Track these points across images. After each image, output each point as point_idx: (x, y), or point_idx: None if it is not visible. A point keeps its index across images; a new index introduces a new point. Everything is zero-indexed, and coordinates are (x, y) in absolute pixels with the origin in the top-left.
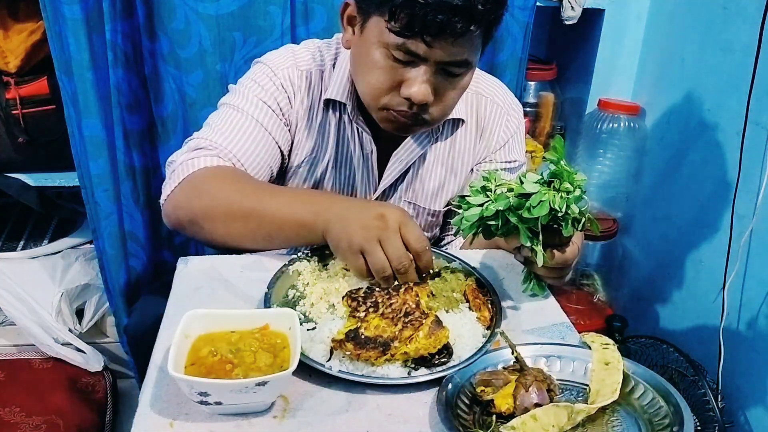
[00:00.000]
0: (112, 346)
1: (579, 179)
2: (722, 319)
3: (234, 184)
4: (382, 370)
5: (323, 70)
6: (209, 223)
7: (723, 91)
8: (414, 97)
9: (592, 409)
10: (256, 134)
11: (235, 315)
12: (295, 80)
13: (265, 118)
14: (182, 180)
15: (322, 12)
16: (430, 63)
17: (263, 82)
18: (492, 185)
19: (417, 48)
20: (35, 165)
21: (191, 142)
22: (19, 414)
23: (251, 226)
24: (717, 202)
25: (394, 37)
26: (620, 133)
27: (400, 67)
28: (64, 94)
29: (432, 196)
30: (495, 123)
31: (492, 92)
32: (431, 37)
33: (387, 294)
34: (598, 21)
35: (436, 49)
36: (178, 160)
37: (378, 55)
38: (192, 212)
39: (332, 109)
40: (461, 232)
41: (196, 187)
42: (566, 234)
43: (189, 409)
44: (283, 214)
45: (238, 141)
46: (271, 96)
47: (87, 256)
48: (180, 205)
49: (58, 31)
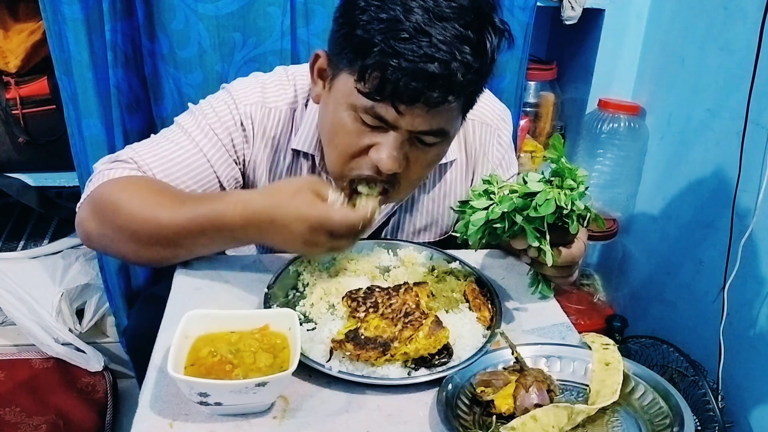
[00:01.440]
0: (112, 346)
1: (581, 175)
2: (722, 319)
3: (142, 193)
4: (382, 370)
5: (295, 109)
6: (117, 235)
7: (723, 91)
8: (381, 165)
9: (592, 409)
10: (193, 161)
11: (234, 315)
12: (258, 119)
13: (210, 150)
14: (91, 192)
15: (322, 12)
16: (401, 131)
17: (222, 113)
18: (494, 188)
19: (386, 114)
20: (35, 165)
21: (115, 154)
22: (19, 414)
23: (161, 235)
24: (717, 202)
25: (363, 99)
26: (620, 133)
27: (368, 131)
28: (64, 94)
29: (422, 232)
30: (488, 144)
31: (479, 111)
32: (403, 105)
33: (387, 294)
34: (598, 21)
35: (407, 117)
36: (97, 168)
37: (345, 117)
38: (98, 224)
39: (303, 157)
40: (468, 238)
41: (102, 197)
42: (573, 231)
43: (189, 409)
44: (195, 218)
45: (168, 161)
46: (225, 129)
47: (87, 256)
48: (86, 216)
49: (58, 30)
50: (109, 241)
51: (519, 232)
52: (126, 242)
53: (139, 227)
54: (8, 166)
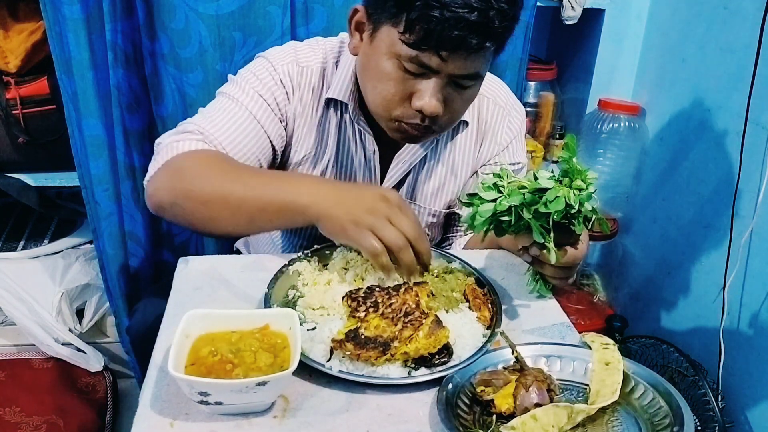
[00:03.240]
0: (112, 346)
1: (590, 177)
2: (722, 319)
3: (215, 166)
4: (382, 370)
5: (325, 68)
6: (190, 205)
7: (723, 91)
8: (425, 109)
9: (592, 409)
10: (247, 125)
11: (235, 315)
12: (295, 76)
13: (258, 111)
14: (164, 162)
15: (322, 12)
16: (441, 75)
17: (262, 76)
18: (504, 181)
19: (430, 61)
20: (35, 165)
21: (179, 126)
22: (19, 414)
23: (232, 208)
24: (717, 202)
25: (407, 49)
26: (620, 133)
27: (411, 79)
28: (64, 94)
29: (432, 196)
30: (498, 124)
31: (494, 93)
32: (446, 52)
33: (387, 294)
34: (598, 21)
35: (449, 63)
36: (164, 142)
37: (389, 66)
38: (173, 194)
39: (333, 108)
40: (473, 228)
41: (178, 169)
42: (578, 231)
43: (189, 409)
44: (266, 196)
45: (227, 129)
46: (268, 90)
47: (87, 256)
48: (161, 186)
49: (58, 31)
50: (181, 210)
51: (524, 228)
52: (199, 213)
53: (217, 201)
54: (8, 166)
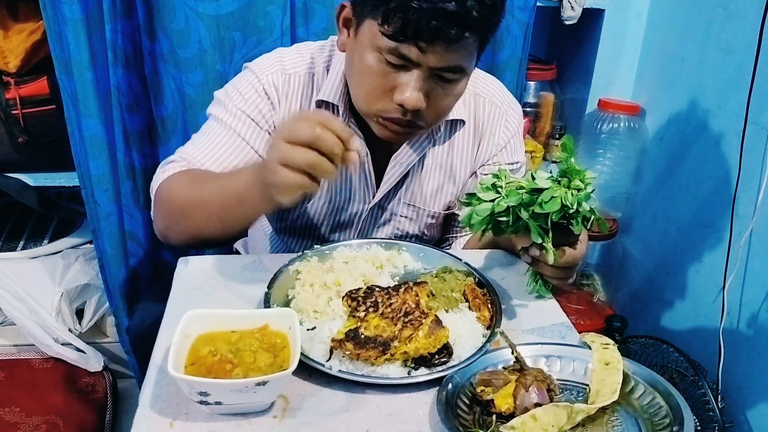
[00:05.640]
0: (112, 346)
1: (588, 177)
2: (722, 319)
3: (187, 179)
4: (382, 369)
5: (314, 72)
6: (175, 220)
7: (723, 91)
8: (406, 103)
9: (592, 409)
10: (230, 143)
11: (235, 315)
12: (281, 86)
13: (242, 128)
14: (154, 195)
15: (322, 12)
16: (423, 68)
17: (244, 90)
18: (502, 182)
19: (410, 52)
20: (35, 165)
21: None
22: (19, 414)
23: (203, 213)
24: (717, 202)
25: (387, 41)
26: (620, 133)
27: (392, 72)
28: (64, 94)
29: (431, 198)
30: (495, 124)
31: (490, 93)
32: (425, 43)
33: (387, 294)
34: (598, 21)
35: (429, 54)
36: (155, 176)
37: (371, 59)
38: (164, 217)
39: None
40: (471, 227)
41: (161, 195)
42: (576, 231)
43: (189, 409)
44: (224, 189)
45: (210, 149)
46: (251, 104)
47: (87, 256)
48: (156, 216)
49: (58, 30)
50: (175, 229)
51: (523, 228)
52: (185, 226)
53: (190, 209)
54: (8, 166)
